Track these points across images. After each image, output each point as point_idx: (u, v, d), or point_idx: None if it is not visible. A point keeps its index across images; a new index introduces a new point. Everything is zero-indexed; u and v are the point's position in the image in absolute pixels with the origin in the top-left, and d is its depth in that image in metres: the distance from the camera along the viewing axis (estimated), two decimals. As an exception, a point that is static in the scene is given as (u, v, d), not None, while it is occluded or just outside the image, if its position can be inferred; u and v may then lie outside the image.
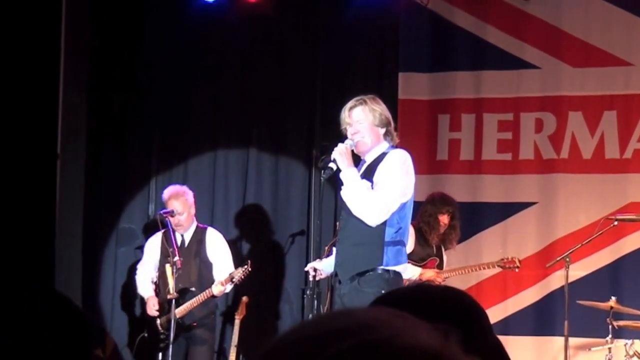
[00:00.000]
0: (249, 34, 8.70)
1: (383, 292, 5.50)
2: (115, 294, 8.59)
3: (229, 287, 7.47)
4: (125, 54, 8.73)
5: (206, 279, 7.54)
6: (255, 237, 8.57)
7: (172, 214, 7.53)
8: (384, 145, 5.74)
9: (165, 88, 8.76)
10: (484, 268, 7.76)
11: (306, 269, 6.08)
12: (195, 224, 7.69)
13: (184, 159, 8.78)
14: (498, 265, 7.63)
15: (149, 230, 8.41)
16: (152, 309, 7.53)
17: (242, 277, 7.32)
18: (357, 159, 5.82)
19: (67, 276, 8.08)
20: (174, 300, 7.20)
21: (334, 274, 5.78)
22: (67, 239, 8.04)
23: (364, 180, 5.60)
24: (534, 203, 8.16)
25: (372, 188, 5.58)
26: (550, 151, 8.17)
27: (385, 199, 5.56)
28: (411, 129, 8.29)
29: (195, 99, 8.76)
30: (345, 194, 5.62)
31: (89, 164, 8.41)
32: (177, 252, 7.27)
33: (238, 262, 7.66)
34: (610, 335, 6.83)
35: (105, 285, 8.63)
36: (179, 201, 7.56)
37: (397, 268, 5.68)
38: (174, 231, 7.51)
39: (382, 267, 5.61)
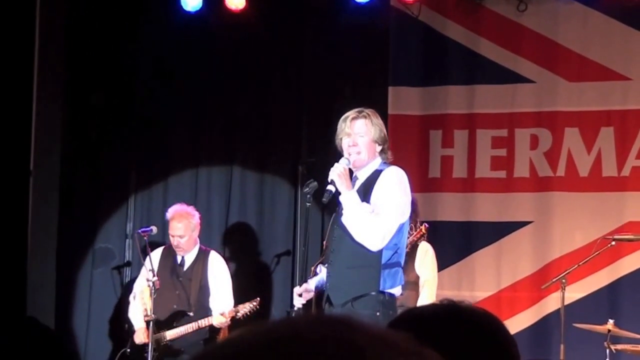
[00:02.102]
0: (233, 47, 8.66)
1: (378, 314, 5.51)
2: (90, 316, 8.51)
3: (229, 320, 7.31)
4: (103, 68, 8.68)
5: (202, 305, 7.44)
6: (239, 258, 8.49)
7: (150, 232, 7.45)
8: (377, 162, 5.73)
9: (145, 103, 8.71)
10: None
11: (297, 294, 5.92)
12: (197, 246, 7.60)
13: (164, 176, 8.72)
14: (409, 244, 7.33)
15: (126, 251, 8.35)
16: (140, 338, 7.36)
17: (248, 313, 7.21)
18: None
19: (39, 297, 8.02)
20: (152, 323, 7.10)
21: (326, 297, 5.72)
22: (40, 259, 7.98)
23: (364, 204, 5.56)
24: (529, 222, 8.12)
25: (370, 209, 5.54)
26: (546, 168, 8.14)
27: (388, 224, 5.54)
28: (402, 146, 8.23)
29: (176, 115, 8.71)
30: (347, 218, 5.56)
31: (64, 181, 8.36)
32: (154, 271, 7.18)
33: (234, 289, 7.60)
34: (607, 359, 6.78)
35: (79, 307, 8.55)
36: (182, 223, 7.46)
37: (392, 290, 5.65)
38: (148, 249, 7.37)
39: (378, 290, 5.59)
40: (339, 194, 5.69)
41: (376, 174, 5.68)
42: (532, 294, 7.93)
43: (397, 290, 5.70)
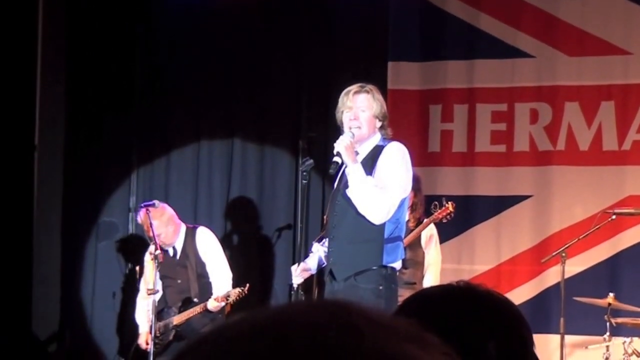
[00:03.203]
0: (233, 22, 8.68)
1: (381, 288, 5.57)
2: (95, 290, 8.57)
3: (223, 304, 7.35)
4: (104, 44, 8.70)
5: (205, 287, 7.47)
6: (240, 232, 8.56)
7: (154, 205, 7.49)
8: (377, 137, 5.77)
9: (146, 78, 8.73)
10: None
11: (295, 274, 6.00)
12: (183, 229, 7.54)
13: (166, 150, 8.76)
14: (433, 220, 7.40)
15: (129, 224, 8.40)
16: (143, 344, 7.40)
17: (237, 298, 7.24)
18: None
19: (45, 271, 8.06)
20: (154, 298, 7.13)
21: (328, 272, 5.77)
22: (45, 233, 8.02)
23: (369, 177, 5.61)
24: (529, 196, 8.16)
25: (375, 183, 5.59)
26: (546, 143, 8.17)
27: (392, 199, 5.60)
28: (401, 120, 8.25)
29: (177, 88, 8.73)
30: (352, 191, 5.61)
31: (68, 156, 8.39)
32: (156, 243, 7.18)
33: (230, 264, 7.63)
34: (608, 333, 6.81)
35: (85, 280, 8.61)
36: (156, 222, 7.28)
37: (394, 264, 5.72)
38: (152, 223, 7.38)
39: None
40: (344, 166, 5.75)
41: (378, 150, 5.73)
42: (532, 268, 7.96)
43: (398, 264, 5.78)
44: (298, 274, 5.96)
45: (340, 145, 5.61)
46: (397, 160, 5.69)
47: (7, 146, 7.23)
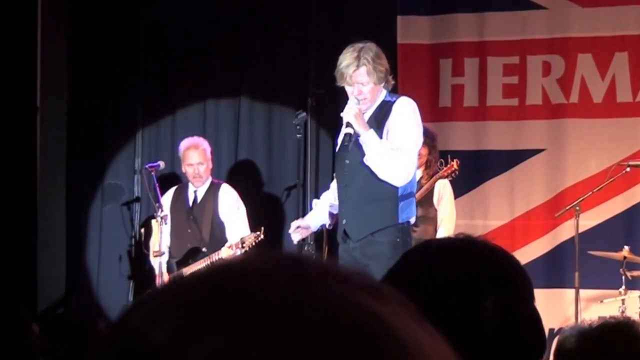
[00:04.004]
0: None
1: (398, 240, 5.57)
2: (101, 253, 8.56)
3: (238, 252, 7.34)
4: (107, 3, 8.62)
5: (218, 239, 7.46)
6: (248, 192, 8.49)
7: (158, 167, 7.48)
8: (383, 93, 5.75)
9: (150, 36, 8.67)
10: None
11: (291, 230, 6.06)
12: (210, 179, 7.62)
13: (171, 110, 8.71)
14: (438, 178, 7.37)
15: (135, 186, 8.37)
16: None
17: (253, 243, 7.24)
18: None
19: (50, 235, 8.04)
20: (160, 260, 7.12)
21: (342, 233, 5.75)
22: (49, 197, 7.99)
23: (383, 141, 5.60)
24: (542, 150, 8.12)
25: (390, 145, 5.58)
26: (559, 95, 8.11)
27: (411, 158, 5.63)
28: (412, 75, 8.23)
29: (182, 47, 8.66)
30: (369, 158, 5.59)
31: (71, 118, 8.34)
32: (162, 206, 7.21)
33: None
34: (623, 287, 6.82)
35: (91, 244, 8.59)
36: (198, 151, 7.49)
37: (409, 220, 5.77)
38: (157, 184, 7.40)
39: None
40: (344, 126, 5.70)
41: (386, 106, 5.72)
42: (546, 222, 7.94)
43: (412, 219, 5.82)
44: (294, 230, 6.01)
45: (349, 115, 5.60)
46: (409, 118, 5.69)
47: (8, 108, 7.18)
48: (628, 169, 7.05)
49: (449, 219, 7.26)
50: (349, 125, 5.57)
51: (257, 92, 8.63)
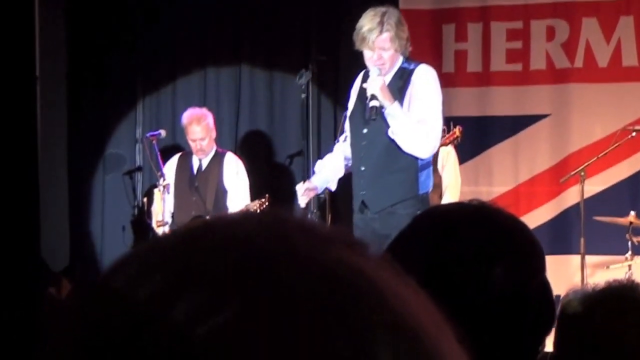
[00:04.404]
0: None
1: (418, 212, 5.50)
2: (104, 223, 8.56)
3: None
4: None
5: (222, 208, 7.47)
6: (251, 160, 8.46)
7: (159, 136, 7.47)
8: (400, 60, 5.70)
9: (150, 3, 8.61)
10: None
11: (299, 193, 5.92)
12: (214, 148, 7.59)
13: (171, 79, 8.67)
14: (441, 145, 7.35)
15: (136, 156, 8.36)
16: None
17: (258, 211, 7.20)
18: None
19: (53, 206, 8.04)
20: (163, 229, 7.12)
21: (360, 204, 5.69)
22: (51, 167, 7.98)
23: (407, 112, 5.56)
24: (546, 115, 8.09)
25: (415, 117, 5.54)
26: (563, 60, 8.08)
27: (436, 131, 5.63)
28: (414, 41, 8.02)
29: (181, 14, 8.61)
30: (395, 132, 5.54)
31: (71, 87, 8.32)
32: (164, 175, 7.20)
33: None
34: (629, 252, 6.82)
35: (94, 214, 8.59)
36: (200, 126, 7.45)
37: (428, 190, 5.77)
38: (158, 153, 7.39)
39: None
40: (353, 90, 5.66)
41: (405, 73, 5.68)
42: (551, 188, 7.93)
43: (430, 189, 5.82)
44: (303, 193, 5.90)
45: (374, 88, 5.54)
46: (432, 87, 5.68)
47: (7, 77, 7.14)
48: (634, 134, 7.03)
49: (453, 185, 7.24)
50: (373, 97, 5.51)
51: (258, 59, 8.59)
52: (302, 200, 5.88)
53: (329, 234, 0.66)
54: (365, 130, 5.67)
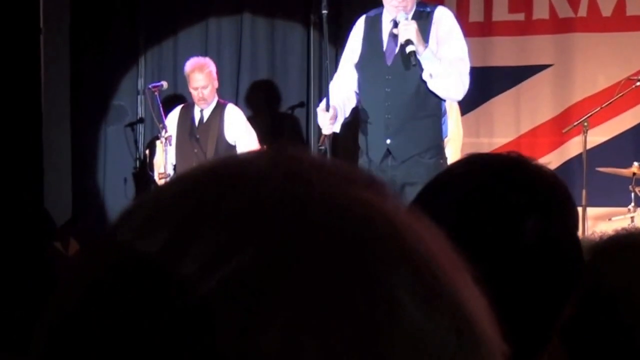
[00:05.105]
0: None
1: (441, 161, 5.50)
2: (106, 175, 8.57)
3: None
4: None
5: None
6: (252, 111, 8.47)
7: (161, 87, 7.45)
8: (414, 2, 5.59)
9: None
10: None
11: (328, 118, 5.50)
12: (216, 99, 7.57)
13: (173, 31, 8.65)
14: None
15: (138, 107, 8.36)
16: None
17: None
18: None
19: (55, 157, 8.05)
20: (165, 181, 7.13)
21: (385, 152, 5.55)
22: (54, 118, 7.98)
23: (438, 58, 5.48)
24: (549, 65, 8.07)
25: (447, 59, 5.49)
26: (566, 9, 8.04)
27: (466, 72, 5.58)
28: (416, -10, 8.12)
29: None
30: (434, 74, 5.46)
31: (74, 40, 8.30)
32: (166, 127, 7.20)
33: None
34: (632, 204, 6.81)
35: (97, 166, 8.60)
36: (203, 74, 7.42)
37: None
38: (160, 105, 7.38)
39: None
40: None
41: (423, 15, 5.58)
42: (553, 139, 7.92)
43: (447, 136, 5.81)
44: (329, 122, 5.52)
45: (409, 33, 5.42)
46: (457, 28, 5.63)
47: (12, 30, 7.12)
48: (638, 84, 6.98)
49: (455, 138, 7.18)
50: (409, 42, 5.40)
51: (260, 9, 8.55)
52: (327, 129, 5.55)
53: (347, 172, 0.64)
54: (389, 77, 5.55)
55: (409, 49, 5.40)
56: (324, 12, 6.00)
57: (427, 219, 0.65)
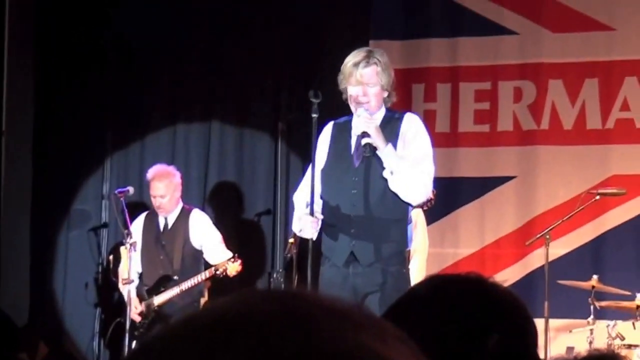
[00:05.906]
0: (211, 2, 8.63)
1: (404, 271, 5.43)
2: (67, 280, 8.53)
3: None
4: (74, 26, 8.64)
5: (189, 267, 7.41)
6: (219, 218, 8.51)
7: (127, 192, 7.48)
8: (382, 109, 5.55)
9: (119, 59, 8.68)
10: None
11: (311, 226, 5.41)
12: (180, 206, 7.57)
13: (140, 135, 8.71)
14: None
15: (102, 212, 8.37)
16: (134, 312, 7.37)
17: (227, 269, 7.18)
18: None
19: (14, 262, 8.01)
20: (129, 288, 7.13)
21: (349, 255, 5.43)
22: (13, 222, 7.96)
23: (401, 158, 5.42)
24: (512, 177, 8.15)
25: (408, 163, 5.44)
26: (530, 122, 8.15)
27: (430, 176, 5.49)
28: (383, 100, 8.24)
29: (152, 70, 8.68)
30: (394, 170, 5.37)
31: (37, 142, 8.34)
32: (131, 233, 7.21)
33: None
34: (592, 316, 6.83)
35: (56, 271, 8.57)
36: (163, 183, 7.43)
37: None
38: (125, 210, 7.37)
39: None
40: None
41: (392, 120, 5.55)
42: (517, 251, 7.95)
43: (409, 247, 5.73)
44: (312, 226, 5.42)
45: (369, 127, 5.35)
46: (425, 134, 5.59)
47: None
48: (597, 197, 7.06)
49: (422, 250, 7.17)
50: (365, 135, 5.33)
51: (228, 117, 8.65)
52: (313, 234, 5.45)
53: (350, 315, 0.65)
54: (355, 178, 5.48)
55: (364, 140, 5.35)
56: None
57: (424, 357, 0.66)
